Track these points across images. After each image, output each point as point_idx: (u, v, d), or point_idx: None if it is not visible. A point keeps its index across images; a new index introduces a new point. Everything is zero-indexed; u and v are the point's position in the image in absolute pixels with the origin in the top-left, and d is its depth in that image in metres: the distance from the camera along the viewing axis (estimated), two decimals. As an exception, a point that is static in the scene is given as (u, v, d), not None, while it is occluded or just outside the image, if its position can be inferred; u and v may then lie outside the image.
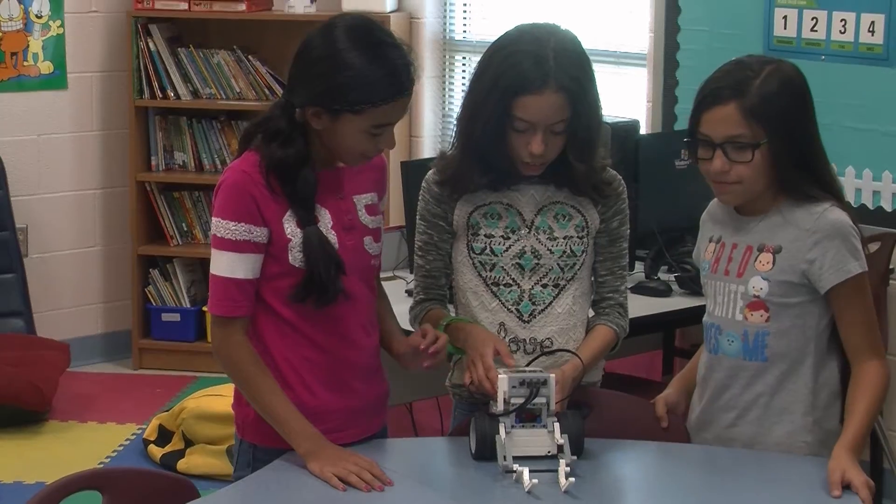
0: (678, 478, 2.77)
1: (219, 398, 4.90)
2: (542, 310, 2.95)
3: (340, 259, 2.75)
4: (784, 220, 2.80)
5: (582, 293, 2.99)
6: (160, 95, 6.09)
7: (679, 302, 4.27)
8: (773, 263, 2.79)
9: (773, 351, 2.81)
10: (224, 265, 2.73)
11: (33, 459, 5.12)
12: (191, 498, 2.63)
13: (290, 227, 2.74)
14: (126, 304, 6.27)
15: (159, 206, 6.20)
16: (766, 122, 2.73)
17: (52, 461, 5.03)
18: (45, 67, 6.03)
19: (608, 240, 3.00)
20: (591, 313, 3.05)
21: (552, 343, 2.94)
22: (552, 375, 2.72)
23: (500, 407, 2.71)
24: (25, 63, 5.96)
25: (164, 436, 5.08)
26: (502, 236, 2.94)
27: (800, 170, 2.78)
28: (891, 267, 4.44)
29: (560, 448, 2.67)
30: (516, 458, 2.64)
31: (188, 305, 6.21)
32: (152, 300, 6.23)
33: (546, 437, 2.70)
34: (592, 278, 3.03)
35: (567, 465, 2.61)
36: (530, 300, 2.94)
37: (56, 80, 6.06)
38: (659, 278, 4.37)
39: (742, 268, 2.83)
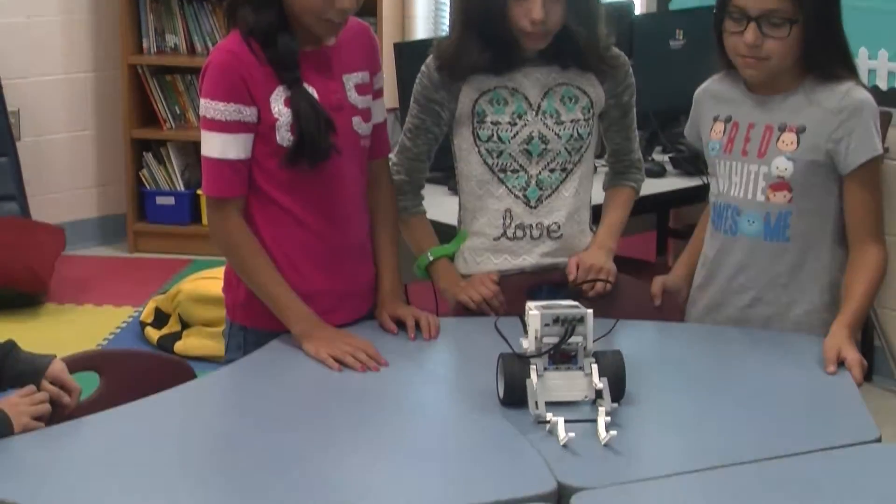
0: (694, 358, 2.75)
1: (214, 281, 4.89)
2: (550, 195, 2.95)
3: (329, 116, 2.72)
4: (808, 100, 2.77)
5: (586, 175, 3.00)
6: (150, -23, 6.02)
7: (673, 182, 4.28)
8: (798, 143, 2.77)
9: (794, 231, 2.80)
10: (215, 146, 2.71)
11: (31, 342, 5.04)
12: (188, 379, 2.65)
13: (277, 107, 2.71)
14: (120, 188, 6.26)
15: (152, 90, 6.15)
16: None
17: (49, 343, 4.98)
18: (34, -52, 5.95)
19: (621, 112, 3.03)
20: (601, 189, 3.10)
21: (559, 227, 2.95)
22: (590, 311, 2.43)
23: (531, 346, 2.42)
24: (13, -56, 5.89)
25: (160, 318, 5.11)
26: (509, 122, 2.92)
27: (828, 48, 2.76)
28: (886, 146, 4.44)
29: (598, 393, 2.38)
30: (549, 405, 2.35)
31: (182, 189, 6.21)
32: (146, 184, 6.22)
33: (582, 381, 2.39)
34: (607, 148, 3.08)
35: (607, 415, 2.32)
36: (537, 185, 2.94)
37: (45, -38, 5.99)
38: (653, 159, 4.37)
39: (763, 148, 2.80)
